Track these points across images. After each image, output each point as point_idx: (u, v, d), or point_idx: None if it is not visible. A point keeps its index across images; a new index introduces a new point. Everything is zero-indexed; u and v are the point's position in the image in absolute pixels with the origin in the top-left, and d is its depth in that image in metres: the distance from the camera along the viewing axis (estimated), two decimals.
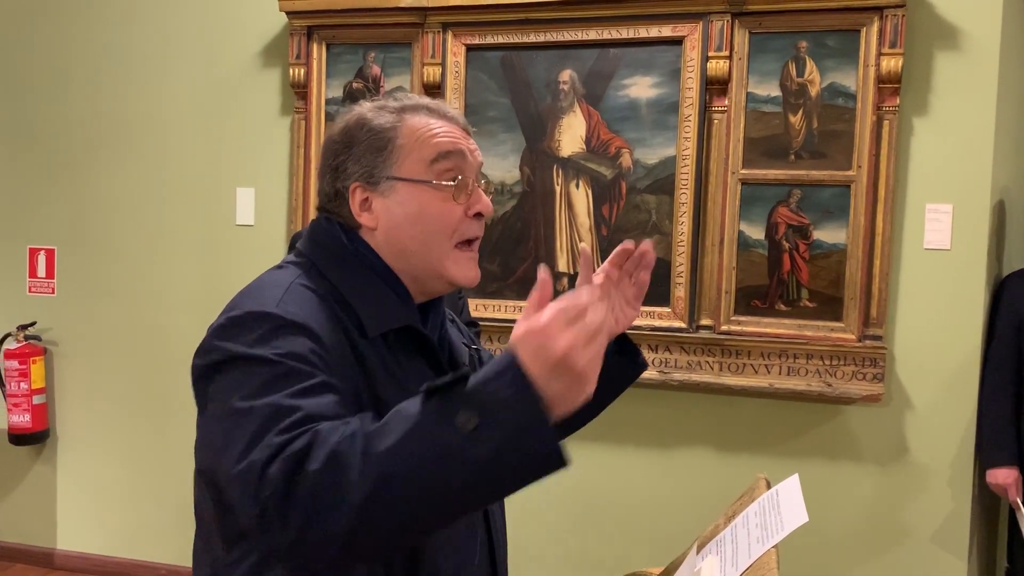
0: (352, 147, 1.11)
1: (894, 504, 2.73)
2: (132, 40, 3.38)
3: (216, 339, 0.99)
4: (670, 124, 2.79)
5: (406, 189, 1.10)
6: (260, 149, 3.24)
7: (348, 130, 1.12)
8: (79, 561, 3.55)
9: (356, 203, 1.11)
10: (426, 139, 1.10)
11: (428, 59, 2.95)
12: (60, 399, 3.55)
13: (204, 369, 1.00)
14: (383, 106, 1.13)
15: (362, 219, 1.11)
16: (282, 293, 1.03)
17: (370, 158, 1.10)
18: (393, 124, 1.11)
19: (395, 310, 1.10)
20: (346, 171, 1.11)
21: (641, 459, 2.94)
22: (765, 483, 1.35)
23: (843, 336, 2.67)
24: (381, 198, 1.10)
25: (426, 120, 1.12)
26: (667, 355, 2.81)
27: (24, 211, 3.55)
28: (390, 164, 1.10)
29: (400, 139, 1.10)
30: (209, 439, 0.98)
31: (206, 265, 3.32)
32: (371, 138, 1.10)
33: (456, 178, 1.10)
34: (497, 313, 2.96)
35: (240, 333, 0.98)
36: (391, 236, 1.10)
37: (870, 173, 2.62)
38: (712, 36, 2.71)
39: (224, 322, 1.00)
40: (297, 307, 1.01)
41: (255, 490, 0.84)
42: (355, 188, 1.10)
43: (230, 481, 0.88)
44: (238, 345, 0.96)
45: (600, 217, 2.88)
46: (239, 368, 0.95)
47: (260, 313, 0.99)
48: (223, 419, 0.93)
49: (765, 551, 1.10)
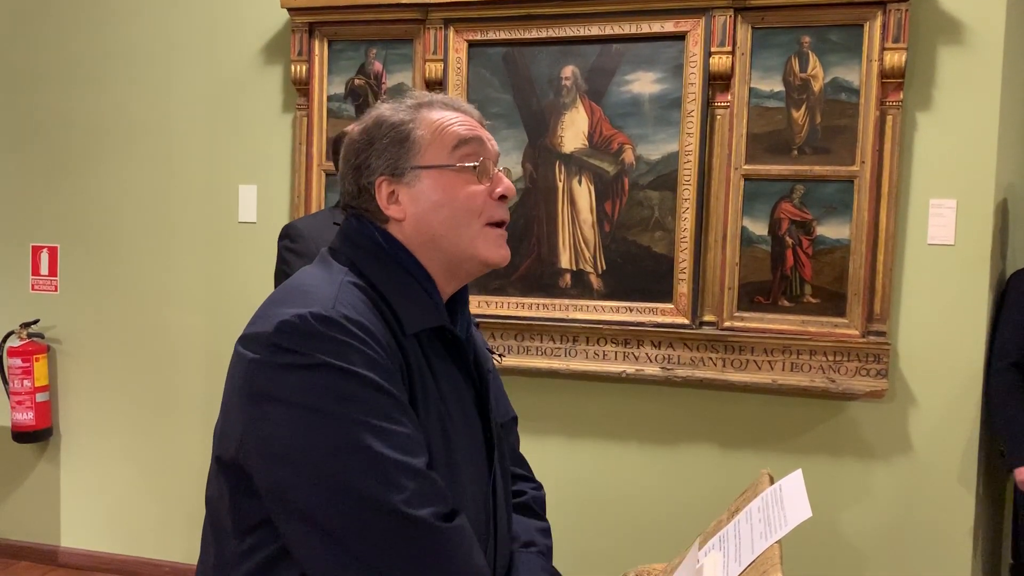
0: (373, 143, 1.15)
1: (898, 500, 2.73)
2: (134, 38, 3.37)
3: (286, 339, 1.00)
4: (673, 120, 2.78)
5: (431, 176, 1.13)
6: (262, 146, 3.24)
7: (367, 130, 1.16)
8: (83, 558, 3.55)
9: (383, 197, 1.14)
10: (445, 128, 1.14)
11: (430, 55, 2.95)
12: (63, 397, 3.55)
13: (275, 367, 1.00)
14: (399, 104, 1.18)
15: (390, 211, 1.14)
16: (336, 291, 1.06)
17: (393, 151, 1.14)
18: (412, 117, 1.15)
19: (430, 309, 1.13)
20: (369, 167, 1.14)
21: (644, 456, 2.93)
22: (768, 478, 1.35)
23: (847, 332, 2.66)
24: (407, 188, 1.13)
25: (442, 112, 1.16)
26: (670, 351, 2.80)
27: (27, 209, 3.55)
28: (413, 154, 1.13)
29: (420, 130, 1.14)
30: (281, 432, 0.99)
31: (209, 262, 3.32)
32: (391, 132, 1.14)
33: (489, 163, 1.15)
34: (500, 310, 2.95)
35: (311, 337, 1.00)
36: (421, 224, 1.13)
37: (873, 168, 2.61)
38: (715, 31, 2.70)
39: (293, 320, 1.01)
40: (351, 308, 1.04)
41: (402, 529, 0.96)
42: (380, 182, 1.14)
43: (345, 497, 0.96)
44: (314, 351, 0.99)
45: (603, 213, 2.87)
46: (323, 375, 0.99)
47: (324, 317, 1.01)
48: (315, 425, 0.98)
49: (768, 546, 1.10)
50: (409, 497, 0.97)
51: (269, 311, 1.06)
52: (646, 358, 2.82)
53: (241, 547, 1.05)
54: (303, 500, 0.98)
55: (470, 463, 1.14)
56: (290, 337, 1.00)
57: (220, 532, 1.08)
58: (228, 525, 1.06)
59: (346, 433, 0.98)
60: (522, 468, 1.41)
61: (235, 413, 1.04)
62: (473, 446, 1.15)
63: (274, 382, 1.00)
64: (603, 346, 2.86)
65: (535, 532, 1.32)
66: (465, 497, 1.10)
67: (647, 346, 2.82)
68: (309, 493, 0.97)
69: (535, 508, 1.36)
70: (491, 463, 1.19)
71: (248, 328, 1.07)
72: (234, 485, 1.04)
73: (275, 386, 1.00)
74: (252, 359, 1.02)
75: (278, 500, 1.00)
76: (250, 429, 1.01)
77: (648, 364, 2.82)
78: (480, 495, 1.15)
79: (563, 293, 2.91)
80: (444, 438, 1.09)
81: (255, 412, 1.01)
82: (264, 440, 1.00)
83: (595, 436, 2.98)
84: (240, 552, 1.05)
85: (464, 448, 1.13)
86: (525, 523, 1.32)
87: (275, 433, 0.99)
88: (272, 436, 1.00)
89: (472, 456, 1.14)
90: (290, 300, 1.06)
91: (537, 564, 1.26)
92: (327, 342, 1.00)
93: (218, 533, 1.09)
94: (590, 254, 2.89)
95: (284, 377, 1.00)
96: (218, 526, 1.09)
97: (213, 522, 1.11)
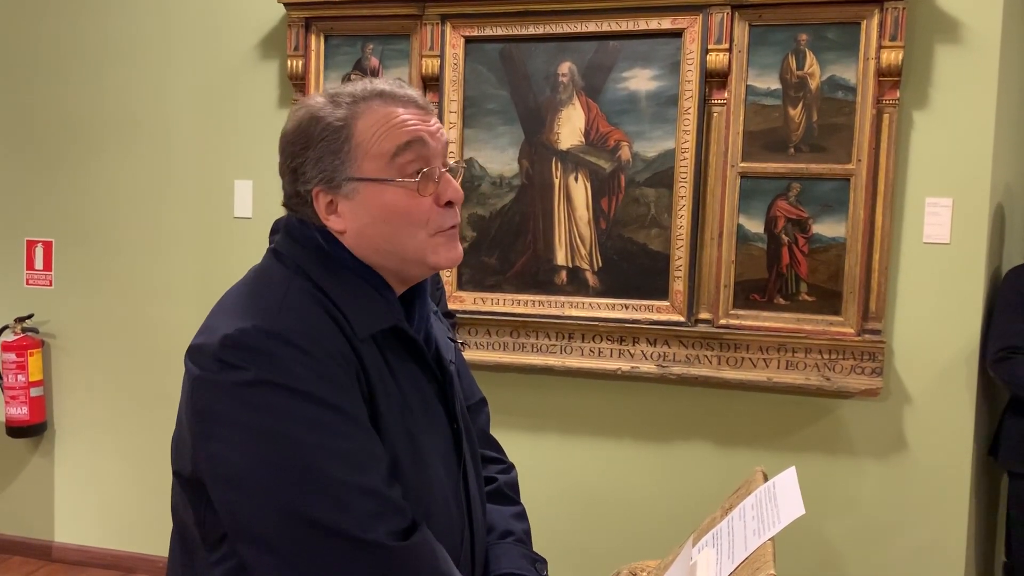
0: (309, 148, 1.06)
1: (892, 497, 2.73)
2: (130, 32, 3.36)
3: (231, 354, 0.97)
4: (669, 117, 2.78)
5: (369, 189, 1.05)
6: (258, 141, 3.23)
7: (302, 130, 1.07)
8: (77, 553, 3.55)
9: (321, 207, 1.07)
10: (383, 132, 1.05)
11: (427, 51, 2.94)
12: (58, 391, 3.55)
13: (219, 385, 0.97)
14: (336, 97, 1.08)
15: (329, 223, 1.07)
16: (282, 299, 1.02)
17: (328, 161, 1.05)
18: (347, 120, 1.05)
19: (381, 310, 1.08)
20: (305, 174, 1.06)
21: (639, 453, 2.94)
22: (762, 476, 1.35)
23: (842, 330, 2.66)
24: (346, 200, 1.06)
25: (382, 110, 1.06)
26: (665, 349, 2.80)
27: (21, 203, 3.54)
28: (349, 165, 1.05)
29: (356, 136, 1.05)
30: (228, 453, 0.96)
31: (204, 257, 3.32)
32: (326, 138, 1.05)
33: (420, 171, 1.06)
34: (495, 306, 2.95)
35: (254, 352, 0.96)
36: (363, 237, 1.07)
37: (870, 167, 2.61)
38: (712, 28, 2.70)
39: (235, 335, 0.97)
40: (299, 317, 1.00)
41: (374, 557, 0.95)
42: (317, 192, 1.06)
43: (313, 524, 0.94)
44: (258, 368, 0.96)
45: (599, 210, 2.87)
46: (268, 393, 0.95)
47: (268, 331, 0.98)
48: (263, 448, 0.95)
49: (762, 543, 1.10)
50: (361, 519, 0.95)
51: (215, 321, 1.02)
52: (641, 355, 2.82)
53: (213, 556, 1.03)
54: (254, 524, 0.95)
55: (439, 458, 1.12)
56: (233, 352, 0.97)
57: (188, 542, 1.07)
58: (196, 536, 1.05)
59: (293, 455, 0.95)
60: (492, 450, 1.37)
61: (185, 429, 1.02)
62: (441, 441, 1.14)
63: (219, 401, 0.97)
64: (599, 343, 2.86)
65: (510, 519, 1.30)
66: (435, 495, 1.09)
67: (643, 343, 2.82)
68: (259, 517, 0.95)
69: (508, 493, 1.34)
70: (460, 454, 1.17)
71: (196, 338, 1.03)
72: (197, 500, 1.02)
73: (219, 405, 0.97)
74: (196, 375, 0.99)
75: (229, 520, 0.98)
76: (198, 448, 0.99)
77: (643, 361, 2.82)
78: (452, 489, 1.13)
79: (559, 290, 2.91)
80: (409, 438, 1.07)
81: (201, 431, 0.98)
82: (212, 460, 0.98)
83: (590, 433, 2.98)
84: (212, 562, 1.03)
85: (431, 445, 1.11)
86: (499, 511, 1.30)
87: (222, 454, 0.97)
88: (219, 457, 0.97)
89: (440, 451, 1.13)
90: (236, 309, 1.02)
91: (516, 553, 1.25)
92: (271, 357, 0.96)
93: (186, 543, 1.08)
94: (586, 251, 2.89)
95: (228, 395, 0.96)
96: (186, 536, 1.08)
97: (180, 532, 1.09)
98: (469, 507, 1.17)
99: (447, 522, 1.10)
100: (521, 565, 1.23)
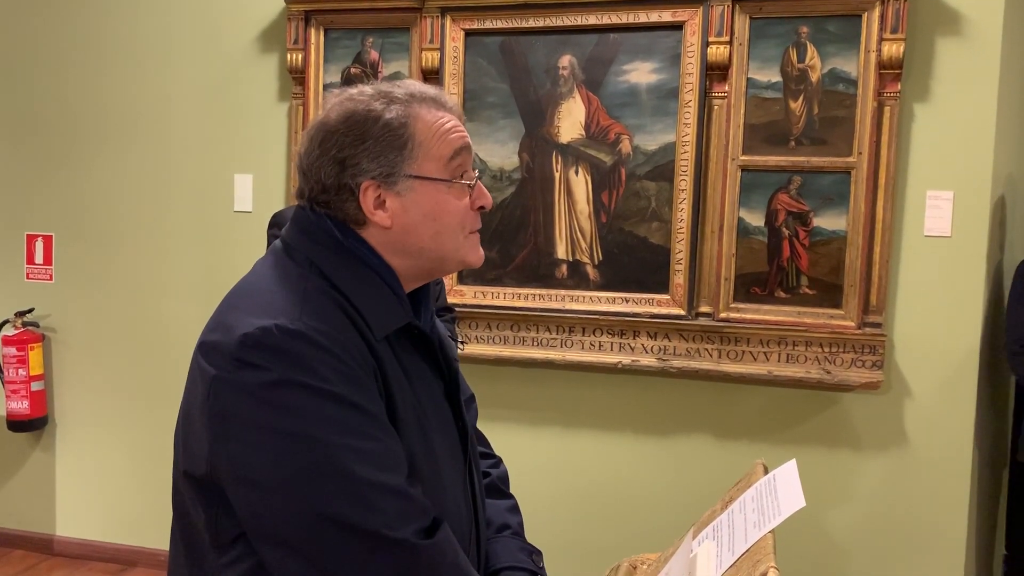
0: (365, 141, 1.06)
1: (893, 490, 2.73)
2: (130, 27, 3.35)
3: (251, 354, 0.96)
4: (670, 110, 2.77)
5: (426, 187, 1.08)
6: (258, 135, 3.22)
7: (357, 122, 1.07)
8: (78, 547, 3.55)
9: (368, 201, 1.07)
10: (442, 135, 1.08)
11: (427, 44, 2.93)
12: (58, 386, 3.55)
13: (240, 385, 0.96)
14: (389, 95, 1.08)
15: (375, 217, 1.07)
16: (301, 297, 1.02)
17: (390, 156, 1.06)
18: (408, 119, 1.07)
19: (397, 309, 1.08)
20: (358, 166, 1.06)
21: (639, 446, 2.94)
22: (763, 468, 1.35)
23: (842, 323, 2.66)
24: (397, 197, 1.07)
25: (435, 113, 1.09)
26: (666, 342, 2.80)
27: (22, 198, 3.53)
28: (410, 163, 1.07)
29: (419, 136, 1.07)
30: (251, 455, 0.95)
31: (204, 251, 3.32)
32: (387, 135, 1.06)
33: (472, 176, 1.12)
34: (496, 300, 2.95)
35: (276, 352, 0.96)
36: (407, 235, 1.08)
37: (871, 160, 2.61)
38: (712, 21, 2.69)
39: (256, 333, 0.96)
40: (319, 317, 1.00)
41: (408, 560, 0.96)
42: (367, 186, 1.06)
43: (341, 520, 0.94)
44: (280, 368, 0.95)
45: (599, 204, 2.86)
46: (291, 393, 0.95)
47: (290, 329, 0.97)
48: (288, 449, 0.94)
49: (762, 536, 1.10)
50: (389, 519, 0.95)
51: (230, 318, 1.01)
52: (642, 349, 2.82)
53: (221, 560, 1.01)
54: (278, 526, 0.95)
55: (449, 458, 1.13)
56: (254, 352, 0.95)
57: (194, 544, 1.05)
58: (205, 539, 1.03)
59: (319, 456, 0.94)
60: (481, 444, 1.38)
61: (199, 429, 1.00)
62: (449, 439, 1.14)
63: (239, 401, 0.95)
64: (599, 337, 2.86)
65: (505, 513, 1.31)
66: (447, 492, 1.10)
67: (643, 337, 2.82)
68: (285, 519, 0.94)
69: (500, 487, 1.35)
70: (466, 453, 1.18)
71: (208, 334, 1.02)
72: (209, 501, 1.01)
73: (241, 406, 0.95)
74: (215, 375, 0.97)
75: (252, 523, 0.97)
76: (217, 449, 0.97)
77: (644, 355, 2.82)
78: (460, 487, 1.14)
79: (559, 284, 2.91)
80: (424, 439, 1.07)
81: (220, 432, 0.97)
82: (232, 462, 0.96)
83: (591, 427, 2.98)
84: (221, 565, 1.01)
85: (442, 444, 1.12)
86: (495, 505, 1.31)
87: (243, 456, 0.95)
88: (241, 459, 0.95)
89: (449, 449, 1.14)
90: (252, 306, 1.01)
91: (514, 546, 1.27)
92: (294, 357, 0.95)
93: (191, 545, 1.05)
94: (586, 245, 2.88)
95: (250, 396, 0.95)
96: (192, 538, 1.05)
97: (185, 533, 1.07)
98: (475, 505, 1.18)
99: (457, 518, 1.11)
100: (520, 558, 1.24)
